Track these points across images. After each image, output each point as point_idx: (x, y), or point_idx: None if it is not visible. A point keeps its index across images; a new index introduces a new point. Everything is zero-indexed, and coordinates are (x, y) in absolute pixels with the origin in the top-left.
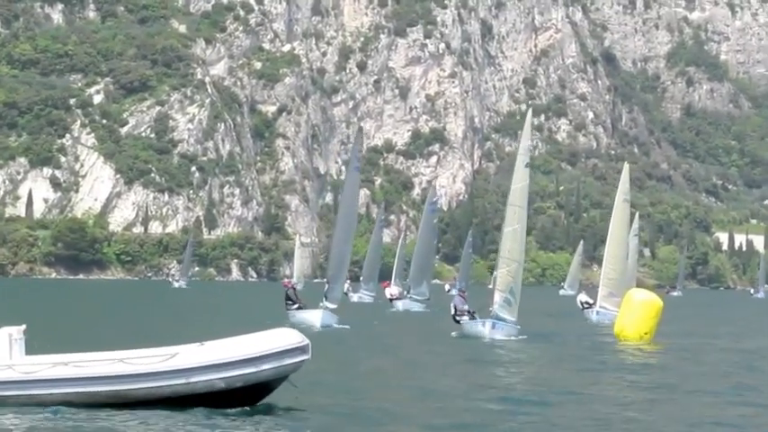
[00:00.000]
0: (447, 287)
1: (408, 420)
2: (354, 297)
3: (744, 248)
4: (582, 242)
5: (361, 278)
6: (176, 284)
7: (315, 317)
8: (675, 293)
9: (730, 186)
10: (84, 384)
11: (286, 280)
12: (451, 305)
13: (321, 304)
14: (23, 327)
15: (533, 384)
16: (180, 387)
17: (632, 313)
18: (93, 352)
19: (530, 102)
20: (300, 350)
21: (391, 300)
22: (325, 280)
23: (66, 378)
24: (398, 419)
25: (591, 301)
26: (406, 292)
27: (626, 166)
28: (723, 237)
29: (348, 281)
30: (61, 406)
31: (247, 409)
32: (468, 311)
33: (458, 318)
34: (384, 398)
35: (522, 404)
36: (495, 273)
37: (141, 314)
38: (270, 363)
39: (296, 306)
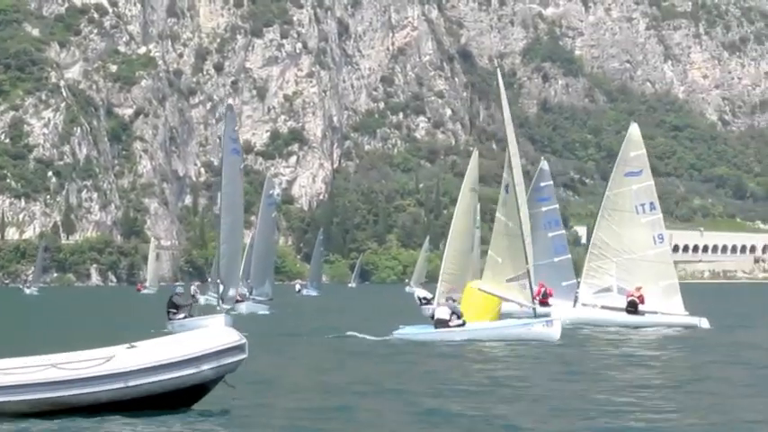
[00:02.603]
0: (297, 287)
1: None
2: (202, 300)
3: None
4: (428, 238)
5: (209, 280)
6: (27, 291)
7: (217, 323)
8: None
9: (587, 180)
10: (18, 392)
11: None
12: (438, 311)
13: (218, 308)
14: None
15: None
16: (119, 391)
17: (473, 305)
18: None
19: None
20: (239, 349)
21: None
22: (218, 281)
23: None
24: (337, 416)
25: (429, 297)
26: (249, 294)
27: (475, 153)
28: (581, 230)
29: (195, 284)
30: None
31: (185, 410)
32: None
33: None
34: (321, 395)
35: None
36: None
37: None
38: (209, 363)
39: (182, 315)
